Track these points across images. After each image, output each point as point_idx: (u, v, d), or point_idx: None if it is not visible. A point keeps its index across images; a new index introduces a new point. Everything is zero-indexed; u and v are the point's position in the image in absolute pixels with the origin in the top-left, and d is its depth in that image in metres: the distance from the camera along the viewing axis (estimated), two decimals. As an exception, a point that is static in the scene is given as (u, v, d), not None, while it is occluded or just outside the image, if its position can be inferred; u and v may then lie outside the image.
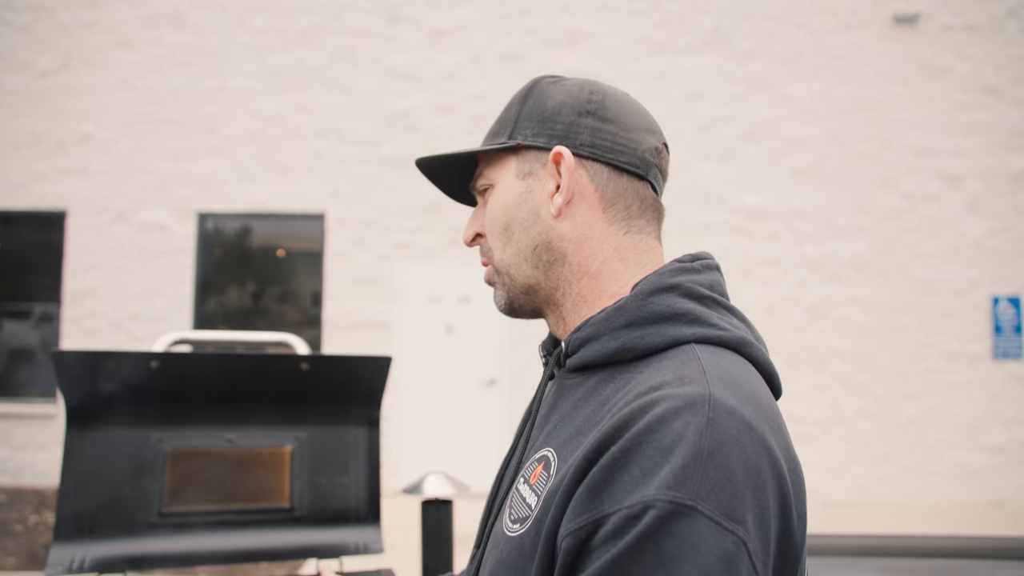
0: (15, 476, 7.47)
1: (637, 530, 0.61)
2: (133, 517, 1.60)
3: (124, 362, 1.55)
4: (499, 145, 0.85)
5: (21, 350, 8.00)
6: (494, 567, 0.76)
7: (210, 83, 7.70)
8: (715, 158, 7.30)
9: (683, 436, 0.63)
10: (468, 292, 7.34)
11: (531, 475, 0.77)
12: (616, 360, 0.77)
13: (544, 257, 0.84)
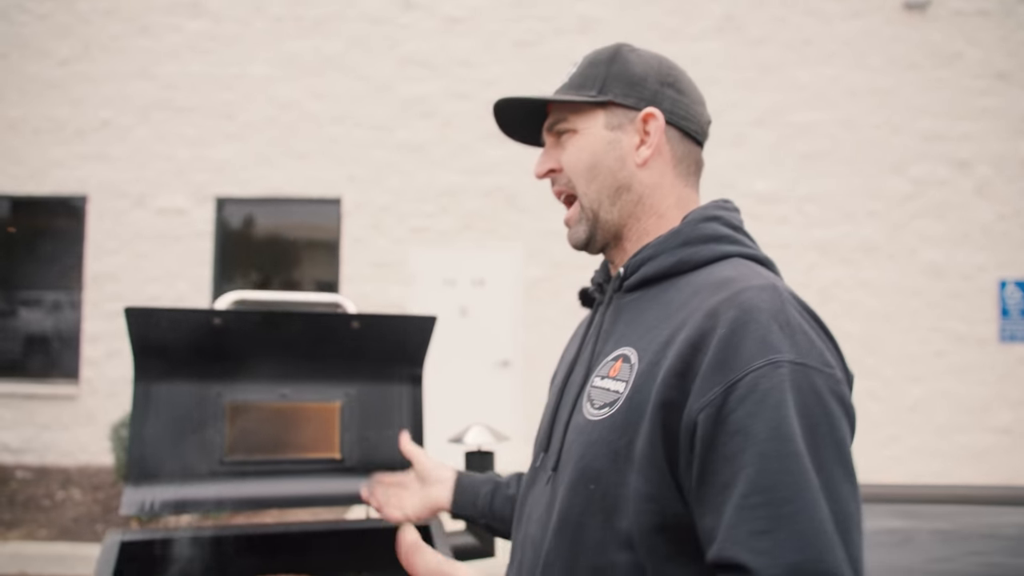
0: (40, 455, 7.64)
1: (769, 384, 0.78)
2: (197, 465, 1.72)
3: (189, 319, 1.67)
4: (592, 98, 1.01)
5: (45, 333, 8.16)
6: (585, 449, 0.90)
7: (228, 70, 7.81)
8: (726, 144, 7.38)
9: (774, 314, 0.82)
10: (482, 275, 7.46)
11: (609, 371, 0.93)
12: (674, 272, 0.95)
13: (624, 197, 1.01)
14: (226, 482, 1.73)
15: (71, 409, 7.74)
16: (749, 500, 0.75)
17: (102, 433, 7.36)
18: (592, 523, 0.87)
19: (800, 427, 0.77)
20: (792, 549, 0.73)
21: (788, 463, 0.75)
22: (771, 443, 0.76)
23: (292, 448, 1.81)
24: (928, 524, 1.87)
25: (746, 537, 0.75)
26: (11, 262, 8.26)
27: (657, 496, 0.83)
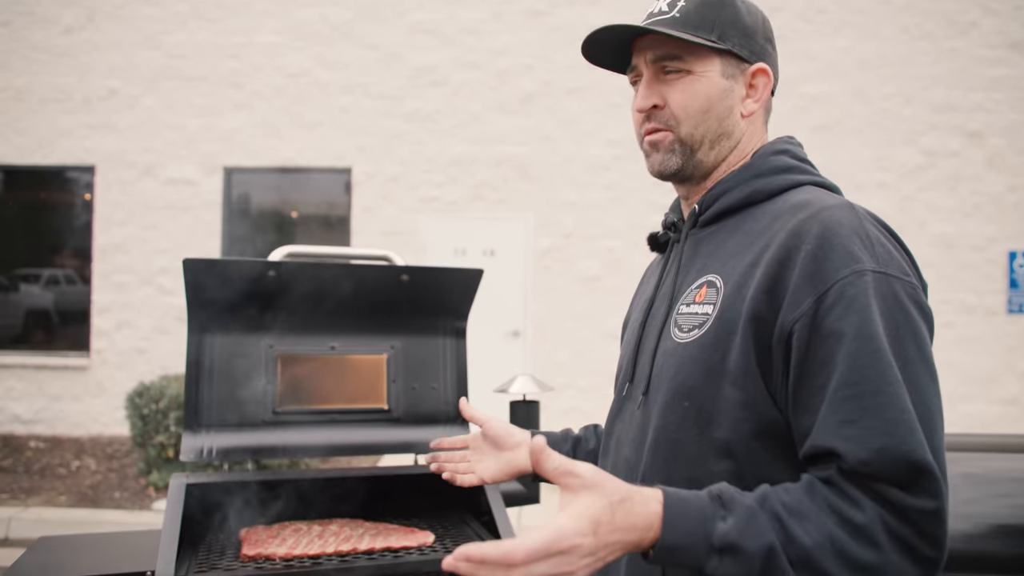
0: (52, 426, 7.70)
1: (855, 290, 0.86)
2: (250, 414, 1.74)
3: (245, 270, 1.68)
4: (713, 43, 1.02)
5: (54, 304, 8.18)
6: (677, 369, 0.96)
7: (235, 39, 7.74)
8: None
9: (855, 229, 0.90)
10: (493, 245, 7.46)
11: (695, 297, 0.99)
12: (749, 203, 1.02)
13: (724, 143, 1.07)
14: (278, 431, 1.76)
15: (82, 380, 7.78)
16: (838, 394, 0.83)
17: (114, 403, 7.41)
18: (688, 437, 0.94)
19: (884, 328, 0.84)
20: (877, 435, 0.81)
21: (874, 359, 0.83)
22: (858, 342, 0.83)
23: (340, 398, 1.83)
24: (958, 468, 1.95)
25: (836, 426, 0.82)
26: (19, 234, 8.24)
27: (752, 404, 0.90)
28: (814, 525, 0.80)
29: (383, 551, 1.47)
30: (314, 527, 1.57)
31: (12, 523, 5.14)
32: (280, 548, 1.43)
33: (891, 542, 0.80)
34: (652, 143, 1.08)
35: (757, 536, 0.78)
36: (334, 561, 1.42)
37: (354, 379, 1.85)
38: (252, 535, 1.50)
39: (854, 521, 0.80)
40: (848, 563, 0.79)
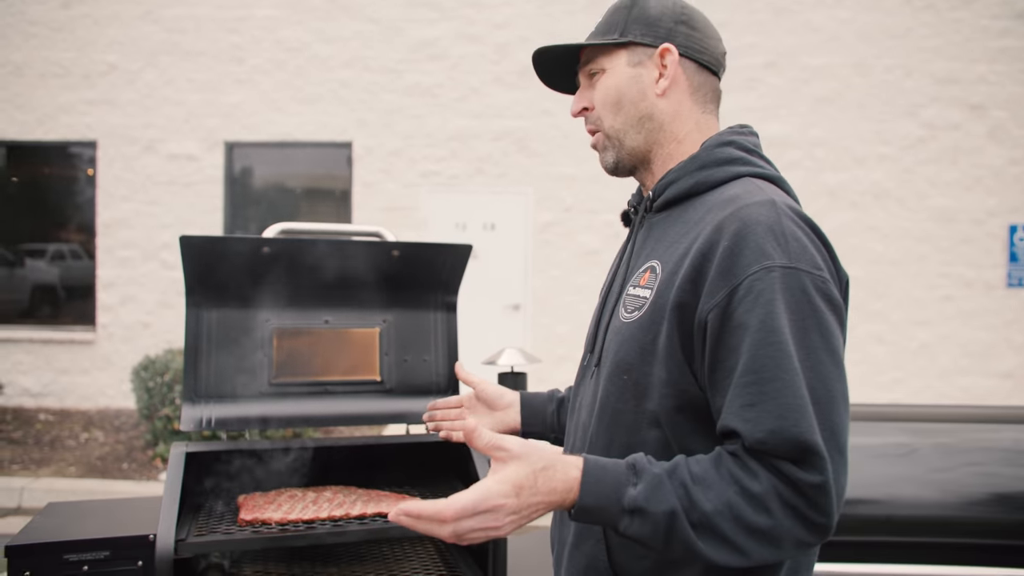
0: (60, 399, 7.81)
1: (763, 285, 0.93)
2: (247, 385, 1.81)
3: (240, 247, 1.73)
4: (615, 40, 1.14)
5: (59, 280, 8.25)
6: (619, 347, 1.07)
7: (234, 12, 7.72)
8: (737, 87, 7.32)
9: (770, 226, 0.96)
10: (493, 219, 7.49)
11: (639, 281, 1.09)
12: (693, 193, 1.09)
13: (647, 125, 1.14)
14: (274, 402, 1.82)
15: (89, 354, 7.88)
16: (741, 380, 0.93)
17: (120, 377, 7.51)
18: (626, 408, 1.05)
19: (788, 320, 0.92)
20: (772, 417, 0.90)
21: (774, 349, 0.91)
22: (761, 333, 0.92)
23: (335, 370, 1.89)
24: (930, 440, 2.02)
25: (738, 409, 0.92)
26: (23, 209, 8.30)
27: (675, 382, 1.00)
28: (715, 493, 0.90)
29: (374, 516, 1.53)
30: (309, 493, 1.63)
31: (24, 493, 5.27)
32: (276, 513, 1.50)
33: (783, 509, 0.90)
34: (593, 145, 1.20)
35: (661, 501, 0.90)
36: (327, 525, 1.48)
37: (348, 352, 1.91)
38: (249, 501, 1.57)
39: (751, 490, 0.90)
40: (744, 527, 0.89)
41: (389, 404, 1.91)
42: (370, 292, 1.91)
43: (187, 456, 1.56)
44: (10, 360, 7.78)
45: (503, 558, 1.53)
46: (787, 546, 0.91)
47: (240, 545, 1.42)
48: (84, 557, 1.40)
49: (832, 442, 0.91)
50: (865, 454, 1.87)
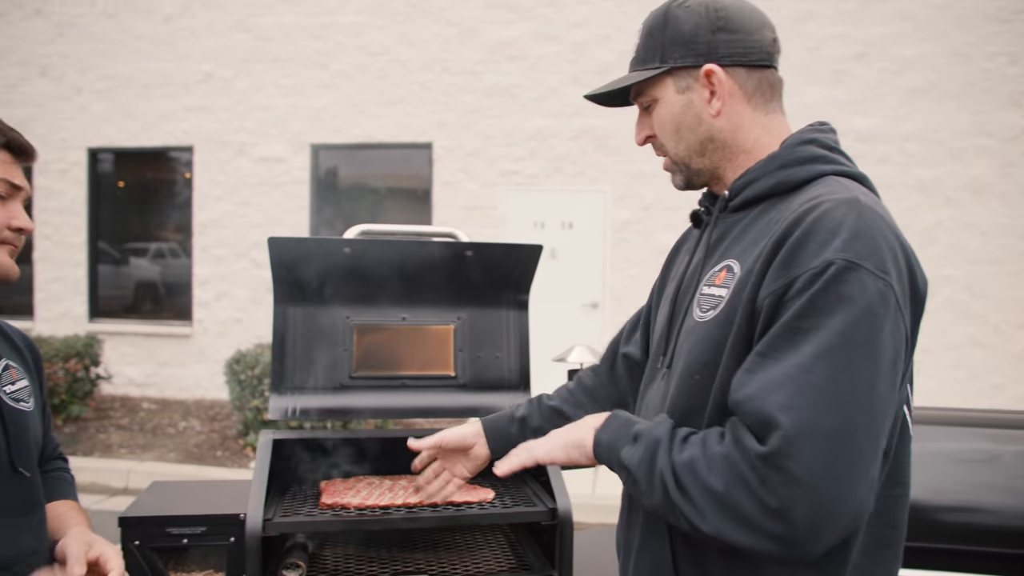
0: (161, 389, 8.30)
1: (822, 280, 0.90)
2: (329, 378, 1.91)
3: (323, 247, 1.84)
4: (657, 71, 1.11)
5: (161, 277, 8.77)
6: (692, 346, 1.06)
7: (320, 20, 8.00)
8: (824, 80, 7.11)
9: (843, 221, 0.93)
10: (571, 218, 7.52)
11: (715, 279, 1.07)
12: (775, 193, 1.06)
13: (709, 147, 1.12)
14: (354, 394, 1.92)
15: (186, 347, 8.34)
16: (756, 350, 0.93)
17: (214, 370, 7.92)
18: (696, 407, 1.04)
19: (829, 313, 0.89)
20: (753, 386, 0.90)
21: (796, 333, 0.90)
22: (795, 319, 0.90)
23: (411, 366, 1.97)
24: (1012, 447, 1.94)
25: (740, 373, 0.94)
26: (129, 211, 8.85)
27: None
28: (689, 447, 0.96)
29: (446, 504, 1.60)
30: (385, 481, 1.72)
31: (131, 474, 5.65)
32: (354, 499, 1.59)
33: (732, 475, 0.90)
34: (665, 167, 1.19)
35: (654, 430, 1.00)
36: (401, 512, 1.56)
37: (423, 348, 1.99)
38: (330, 486, 1.66)
39: (710, 449, 0.93)
40: (700, 484, 0.92)
41: (462, 399, 1.97)
42: (445, 290, 1.98)
43: (274, 443, 1.67)
44: (117, 352, 8.32)
45: (569, 549, 1.58)
46: (745, 526, 0.88)
47: (320, 527, 1.52)
48: (184, 531, 1.52)
49: (815, 437, 0.86)
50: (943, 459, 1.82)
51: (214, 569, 1.57)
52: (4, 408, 1.12)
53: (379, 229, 2.17)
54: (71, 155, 8.54)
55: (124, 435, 6.71)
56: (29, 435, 1.16)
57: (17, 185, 1.13)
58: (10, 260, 1.12)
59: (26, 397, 1.18)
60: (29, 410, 1.18)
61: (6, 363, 1.17)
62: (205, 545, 1.55)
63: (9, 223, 1.12)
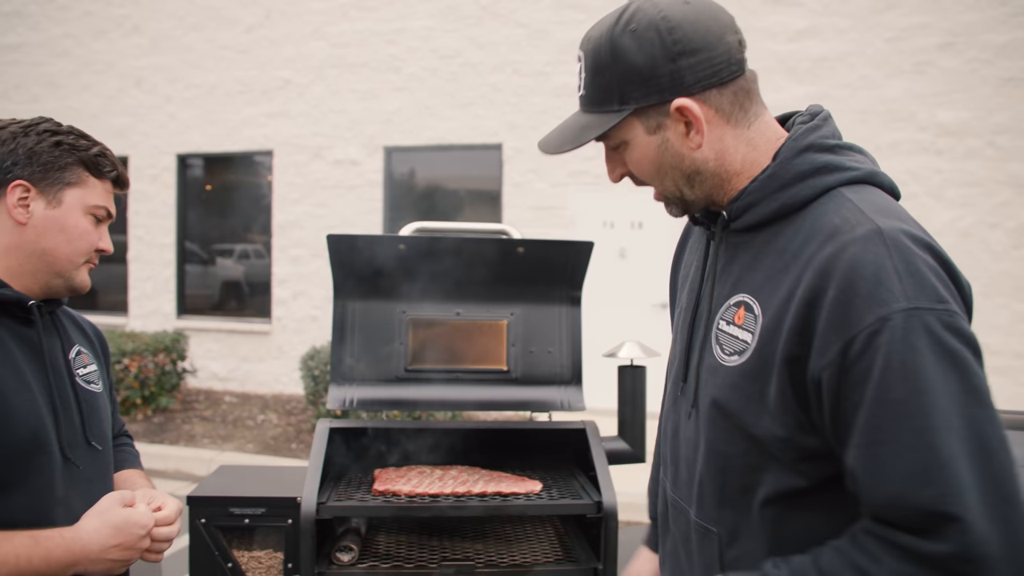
0: (242, 384, 8.66)
1: (881, 338, 0.84)
2: (385, 371, 1.98)
3: (379, 244, 1.90)
4: (619, 118, 0.99)
5: (243, 276, 9.15)
6: (718, 391, 1.01)
7: (393, 25, 8.19)
8: (905, 72, 6.83)
9: (880, 265, 0.86)
10: (641, 218, 7.46)
11: (734, 317, 1.01)
12: (779, 216, 0.98)
13: (697, 180, 1.03)
14: (409, 386, 1.98)
15: (265, 344, 8.67)
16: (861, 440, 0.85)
17: (291, 366, 8.21)
18: (734, 452, 1.00)
19: (914, 370, 0.82)
20: (893, 483, 0.83)
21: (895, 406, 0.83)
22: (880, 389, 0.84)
23: (465, 359, 2.02)
24: None
25: (860, 474, 0.86)
26: (215, 214, 9.27)
27: (790, 438, 0.94)
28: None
29: (494, 494, 1.64)
30: (436, 470, 1.77)
31: (212, 463, 5.92)
32: (405, 486, 1.64)
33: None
34: (655, 198, 1.10)
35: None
36: (450, 500, 1.61)
37: (477, 342, 2.03)
38: (383, 474, 1.72)
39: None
40: None
41: (514, 392, 2.01)
42: (498, 286, 2.02)
43: (331, 431, 1.74)
44: (203, 347, 8.72)
45: (613, 542, 1.59)
46: None
47: (372, 512, 1.58)
48: (245, 511, 1.61)
49: (995, 493, 0.80)
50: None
51: (273, 549, 1.65)
52: (78, 389, 1.23)
53: (434, 227, 2.23)
54: (162, 160, 9.01)
55: (207, 426, 7.04)
56: (99, 413, 1.28)
57: (112, 213, 1.28)
58: (87, 276, 1.27)
59: (96, 380, 1.30)
60: (99, 391, 1.29)
61: (78, 349, 1.29)
62: (265, 526, 1.63)
63: (97, 245, 1.25)
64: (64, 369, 1.23)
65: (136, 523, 1.14)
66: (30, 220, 1.17)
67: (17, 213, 1.16)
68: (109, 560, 1.13)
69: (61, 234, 1.19)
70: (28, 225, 1.17)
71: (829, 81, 6.84)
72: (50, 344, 1.21)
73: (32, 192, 1.17)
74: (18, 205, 1.16)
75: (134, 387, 7.03)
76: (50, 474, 1.14)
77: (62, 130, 1.22)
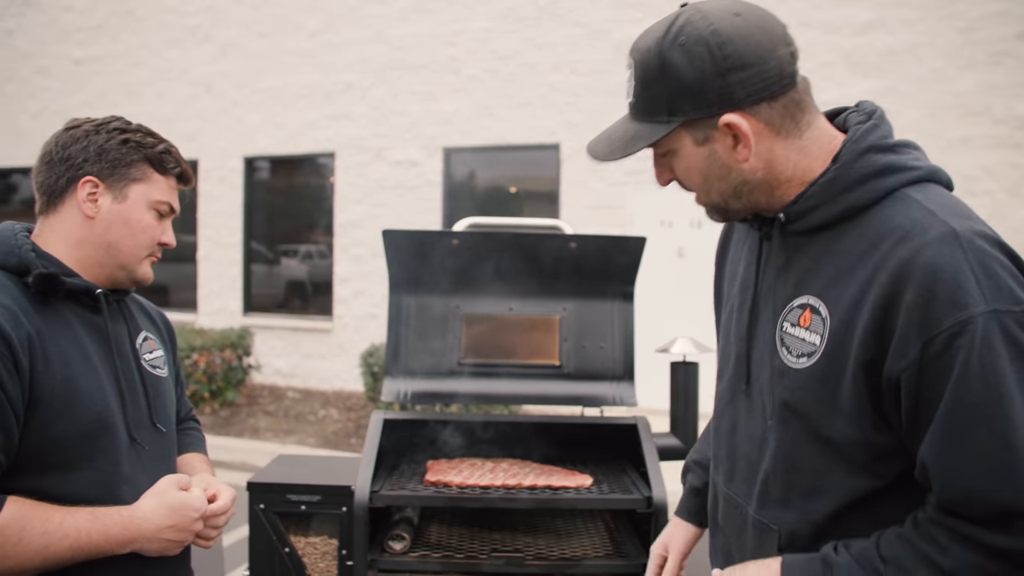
0: (304, 380, 8.88)
1: (962, 341, 0.85)
2: (439, 365, 2.01)
3: (433, 239, 1.93)
4: (667, 130, 0.99)
5: (308, 276, 9.38)
6: (790, 394, 1.01)
7: (452, 27, 8.28)
8: (979, 63, 6.55)
9: (958, 267, 0.87)
10: (699, 217, 7.34)
11: (799, 319, 1.01)
12: (843, 219, 0.98)
13: (744, 190, 1.03)
14: (462, 380, 2.00)
15: (327, 341, 8.87)
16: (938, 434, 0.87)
17: (352, 363, 8.38)
18: (806, 453, 1.00)
19: (995, 370, 0.84)
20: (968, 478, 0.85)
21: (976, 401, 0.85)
22: (961, 386, 0.85)
23: (517, 354, 2.04)
24: None
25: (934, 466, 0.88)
26: (281, 215, 9.54)
27: (865, 440, 0.95)
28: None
29: (544, 488, 1.65)
30: (488, 463, 1.79)
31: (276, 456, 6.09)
32: (457, 477, 1.66)
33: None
34: (697, 203, 1.10)
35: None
36: (500, 492, 1.62)
37: (530, 337, 2.05)
38: (436, 465, 1.75)
39: (940, 567, 0.86)
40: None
41: (567, 387, 2.02)
42: (551, 282, 2.03)
43: (385, 422, 1.78)
44: (267, 344, 8.98)
45: (663, 537, 1.57)
46: None
47: (423, 501, 1.60)
48: (302, 498, 1.66)
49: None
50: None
51: (328, 536, 1.70)
52: (144, 373, 1.29)
53: (487, 222, 2.25)
54: (229, 163, 9.31)
55: (270, 420, 7.24)
56: (165, 397, 1.33)
57: (175, 208, 1.33)
58: (150, 269, 1.33)
59: (161, 365, 1.36)
60: (164, 376, 1.35)
61: (145, 335, 1.35)
62: (321, 513, 1.68)
63: (160, 238, 1.30)
64: (131, 354, 1.29)
65: (190, 506, 1.20)
66: (98, 214, 1.23)
67: (86, 207, 1.22)
68: (164, 540, 1.18)
69: (125, 228, 1.25)
70: (96, 219, 1.23)
71: (896, 75, 6.62)
72: (117, 330, 1.27)
73: (101, 187, 1.23)
74: (87, 200, 1.22)
75: (202, 381, 7.28)
76: (116, 454, 1.20)
77: (130, 128, 1.28)
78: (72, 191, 1.23)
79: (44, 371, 1.12)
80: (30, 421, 1.10)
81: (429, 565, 1.60)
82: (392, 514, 1.76)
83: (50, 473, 1.13)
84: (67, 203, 1.23)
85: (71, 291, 1.20)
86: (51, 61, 10.33)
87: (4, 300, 1.12)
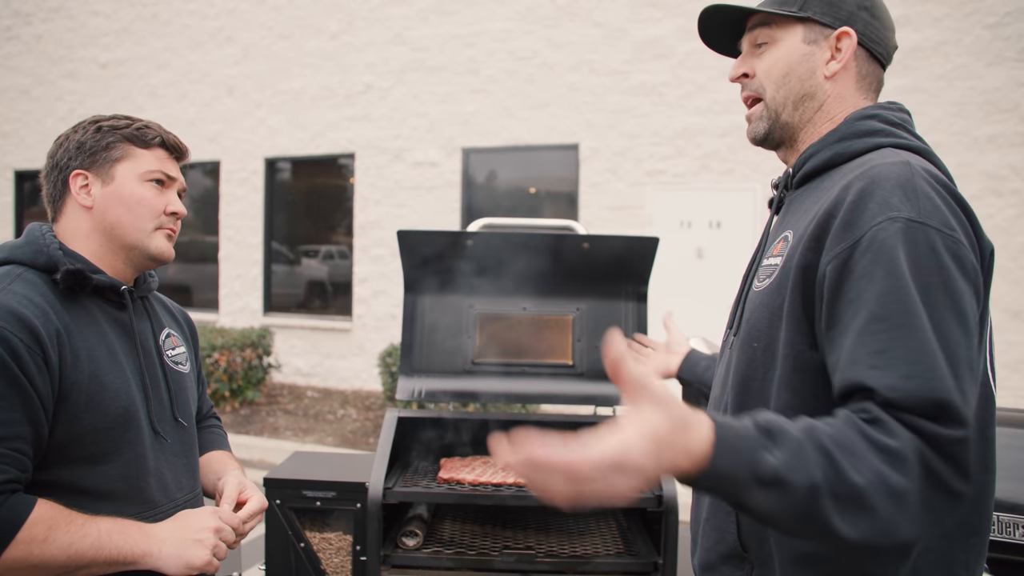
0: (324, 379, 8.95)
1: (886, 235, 0.89)
2: (452, 363, 2.02)
3: (446, 239, 1.95)
4: (793, 13, 1.12)
5: (328, 276, 9.46)
6: (750, 315, 1.07)
7: (471, 28, 8.30)
8: (1007, 59, 6.45)
9: (900, 182, 0.92)
10: (719, 217, 7.32)
11: (773, 251, 1.08)
12: (831, 164, 1.08)
13: (806, 104, 1.13)
14: (475, 379, 2.02)
15: (346, 341, 8.93)
16: (867, 329, 0.87)
17: (371, 362, 8.43)
18: (755, 375, 1.04)
19: (912, 273, 0.87)
20: (904, 365, 0.83)
21: (901, 296, 0.86)
22: (886, 282, 0.87)
23: (531, 353, 2.05)
24: None
25: (865, 358, 0.85)
26: (301, 215, 9.62)
27: (793, 342, 0.97)
28: (863, 462, 0.79)
29: (556, 486, 1.65)
30: (500, 461, 1.80)
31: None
32: (469, 475, 1.68)
33: (921, 469, 0.80)
34: (748, 116, 1.20)
35: (804, 471, 0.78)
36: (512, 490, 1.63)
37: (543, 337, 2.05)
38: (449, 463, 1.77)
39: (891, 449, 0.79)
40: (890, 493, 0.79)
41: (580, 387, 2.02)
42: (565, 282, 2.04)
43: (399, 420, 1.79)
44: (287, 344, 9.06)
45: (674, 535, 1.58)
46: (912, 512, 0.80)
47: (435, 498, 1.62)
48: (317, 494, 1.68)
49: (964, 399, 0.83)
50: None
51: (343, 531, 1.72)
52: (167, 369, 1.32)
53: (499, 222, 2.26)
54: (251, 164, 9.41)
55: (290, 419, 7.31)
56: (187, 393, 1.36)
57: (172, 176, 1.33)
58: (167, 243, 1.33)
59: (183, 361, 1.39)
60: (186, 372, 1.38)
61: (168, 331, 1.38)
62: (336, 508, 1.70)
63: (165, 208, 1.32)
64: (154, 350, 1.32)
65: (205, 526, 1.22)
66: (94, 202, 1.27)
67: (82, 199, 1.27)
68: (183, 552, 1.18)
69: (120, 205, 1.28)
70: (94, 207, 1.27)
71: (922, 72, 6.54)
72: (141, 327, 1.30)
73: (90, 177, 1.27)
74: (81, 192, 1.27)
75: (223, 380, 7.37)
76: (141, 447, 1.23)
77: (104, 118, 1.32)
78: (67, 190, 1.28)
79: (72, 366, 1.15)
80: (59, 415, 1.14)
81: (441, 561, 1.62)
82: (405, 511, 1.78)
83: (79, 465, 1.17)
84: (68, 203, 1.28)
85: (97, 287, 1.23)
86: (78, 64, 10.51)
87: (34, 297, 1.15)
